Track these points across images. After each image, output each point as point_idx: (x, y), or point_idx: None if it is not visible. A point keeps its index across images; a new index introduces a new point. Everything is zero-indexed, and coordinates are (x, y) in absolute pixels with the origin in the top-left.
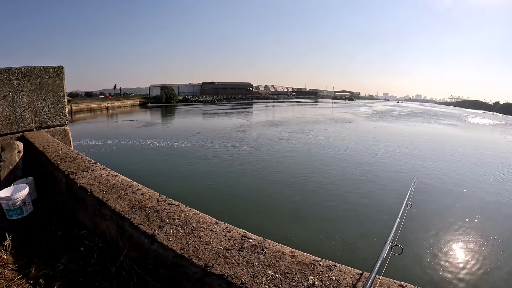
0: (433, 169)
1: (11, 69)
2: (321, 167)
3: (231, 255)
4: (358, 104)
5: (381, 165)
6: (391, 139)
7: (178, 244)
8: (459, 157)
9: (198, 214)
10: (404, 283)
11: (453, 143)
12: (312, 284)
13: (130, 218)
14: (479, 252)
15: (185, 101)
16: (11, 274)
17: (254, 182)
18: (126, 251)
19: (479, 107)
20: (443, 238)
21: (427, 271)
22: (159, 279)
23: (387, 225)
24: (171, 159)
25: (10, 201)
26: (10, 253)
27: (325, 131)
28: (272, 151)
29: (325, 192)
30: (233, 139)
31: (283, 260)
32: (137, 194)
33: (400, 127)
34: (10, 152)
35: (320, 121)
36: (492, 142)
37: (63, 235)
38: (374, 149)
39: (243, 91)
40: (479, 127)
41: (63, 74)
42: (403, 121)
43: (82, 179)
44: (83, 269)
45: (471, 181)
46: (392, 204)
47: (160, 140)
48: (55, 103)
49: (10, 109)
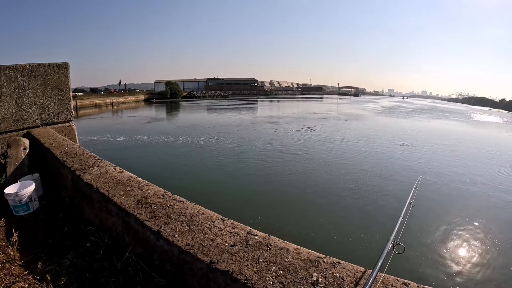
0: (438, 167)
1: (16, 66)
2: (326, 165)
3: (236, 252)
4: (364, 100)
5: (387, 162)
6: (397, 135)
7: (183, 240)
8: (466, 155)
9: (204, 211)
10: (407, 281)
11: (459, 140)
12: (316, 281)
13: (136, 214)
14: (483, 251)
15: (190, 96)
16: (18, 269)
17: (260, 178)
18: (132, 247)
19: (485, 104)
20: (446, 237)
21: (429, 270)
22: (165, 275)
23: (391, 223)
24: (177, 155)
25: (16, 198)
26: (17, 249)
27: (330, 127)
28: (277, 148)
29: (329, 189)
30: (239, 135)
31: (288, 256)
32: (142, 191)
33: (410, 123)
34: (16, 149)
35: (330, 117)
36: (499, 140)
37: (69, 231)
38: (380, 145)
39: (248, 87)
40: (486, 124)
41: (68, 70)
42: (413, 118)
43: (88, 176)
44: (89, 265)
45: (477, 180)
46: (396, 202)
47: (165, 136)
48: (61, 99)
49: (16, 106)
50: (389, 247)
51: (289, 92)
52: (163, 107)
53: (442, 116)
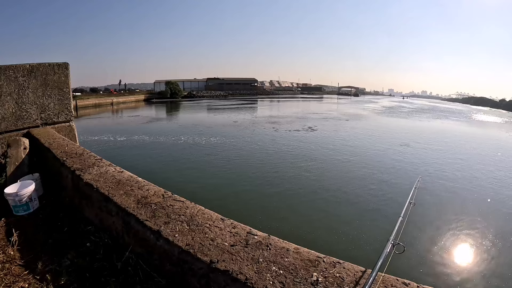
0: (439, 167)
1: (16, 66)
2: (327, 164)
3: (236, 251)
4: (364, 100)
5: (387, 162)
6: (398, 135)
7: (183, 240)
8: (466, 155)
9: (204, 211)
10: (407, 281)
11: (460, 140)
12: (316, 281)
13: (136, 214)
14: (482, 251)
15: (190, 96)
16: (18, 269)
17: (260, 178)
18: (132, 247)
19: (485, 104)
20: (446, 237)
21: (429, 270)
22: (165, 275)
23: (391, 223)
24: (177, 155)
25: (16, 197)
26: (17, 248)
27: (331, 127)
28: (278, 147)
29: (329, 189)
30: (239, 134)
31: (288, 256)
32: (142, 190)
33: (410, 123)
34: (16, 149)
35: (330, 117)
36: (499, 140)
37: (69, 231)
38: (380, 145)
39: (248, 87)
40: (486, 124)
41: (68, 70)
42: (413, 118)
43: (88, 175)
44: (90, 265)
45: (477, 180)
46: (396, 202)
47: (165, 136)
48: (61, 99)
49: (16, 105)
50: (389, 247)
51: (289, 92)
52: (163, 107)
53: (442, 116)
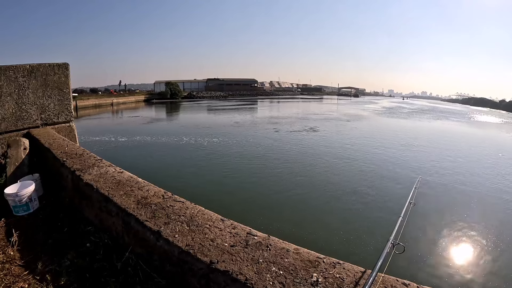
0: (439, 167)
1: (16, 66)
2: (327, 165)
3: (236, 252)
4: (364, 101)
5: (387, 162)
6: (398, 135)
7: (183, 240)
8: (466, 155)
9: (203, 211)
10: (407, 281)
11: (460, 140)
12: (316, 281)
13: (136, 214)
14: (483, 251)
15: (190, 97)
16: (18, 270)
17: (260, 179)
18: (132, 247)
19: (485, 105)
20: (446, 237)
21: (429, 270)
22: (165, 275)
23: (391, 223)
24: (177, 155)
25: (16, 198)
26: (17, 249)
27: (332, 128)
28: (278, 148)
29: (329, 189)
30: (239, 135)
31: (288, 257)
32: (142, 191)
33: (410, 124)
34: (16, 149)
35: (331, 118)
36: (499, 140)
37: (69, 231)
38: (380, 145)
39: (248, 87)
40: (486, 125)
41: (69, 71)
42: (413, 118)
43: (88, 176)
44: (89, 265)
45: (478, 180)
46: (396, 202)
47: (165, 136)
48: (61, 100)
49: (16, 106)
50: (389, 247)
51: (289, 93)
52: (163, 107)
53: (442, 117)
